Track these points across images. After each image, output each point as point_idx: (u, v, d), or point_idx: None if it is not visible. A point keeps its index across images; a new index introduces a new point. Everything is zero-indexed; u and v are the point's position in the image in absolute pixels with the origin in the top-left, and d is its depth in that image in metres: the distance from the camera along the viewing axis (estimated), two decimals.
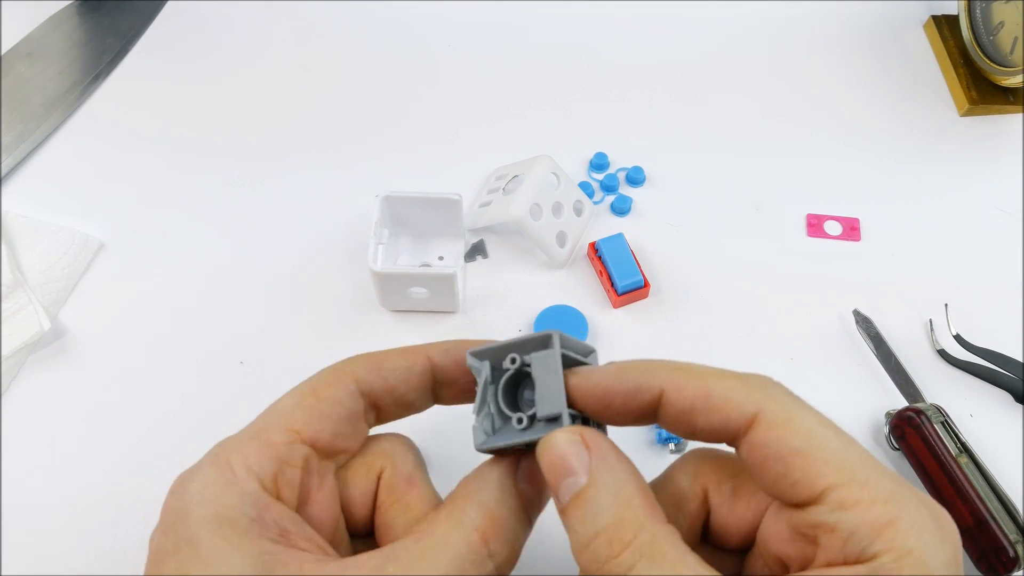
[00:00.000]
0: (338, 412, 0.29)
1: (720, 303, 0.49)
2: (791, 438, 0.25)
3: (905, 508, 0.24)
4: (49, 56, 0.59)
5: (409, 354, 0.30)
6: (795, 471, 0.24)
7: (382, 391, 0.30)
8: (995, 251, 0.52)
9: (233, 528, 0.25)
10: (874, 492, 0.24)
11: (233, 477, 0.26)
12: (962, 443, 0.42)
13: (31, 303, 0.46)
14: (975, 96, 0.58)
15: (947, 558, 0.24)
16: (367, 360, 0.30)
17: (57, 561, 0.40)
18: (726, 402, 0.25)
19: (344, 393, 0.29)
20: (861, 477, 0.24)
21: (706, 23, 0.63)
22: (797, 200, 0.54)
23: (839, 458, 0.24)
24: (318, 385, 0.29)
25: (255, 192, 0.53)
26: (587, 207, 0.52)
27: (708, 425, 0.26)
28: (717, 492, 0.28)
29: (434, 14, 0.62)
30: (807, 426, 0.25)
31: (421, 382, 0.30)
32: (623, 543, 0.24)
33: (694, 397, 0.26)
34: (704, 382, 0.26)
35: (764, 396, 0.25)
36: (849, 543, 0.24)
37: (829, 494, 0.24)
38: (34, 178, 0.53)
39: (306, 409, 0.28)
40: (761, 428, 0.25)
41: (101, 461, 0.43)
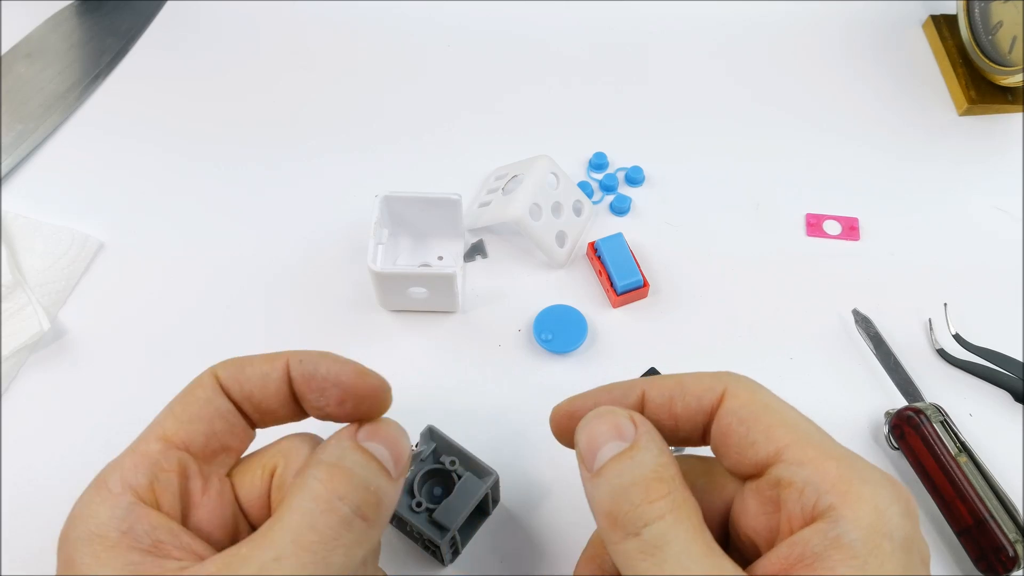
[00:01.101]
0: (206, 412, 0.29)
1: (719, 303, 0.49)
2: (752, 405, 0.28)
3: (854, 464, 0.25)
4: (49, 56, 0.59)
5: (271, 360, 0.30)
6: (755, 432, 0.27)
7: (240, 396, 0.29)
8: (994, 250, 0.52)
9: (102, 543, 0.25)
10: (827, 451, 0.26)
11: (108, 494, 0.26)
12: (961, 442, 0.42)
13: (31, 303, 0.46)
14: (974, 95, 0.58)
15: (902, 508, 0.25)
16: (232, 363, 0.30)
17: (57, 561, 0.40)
18: (697, 387, 0.29)
19: (210, 393, 0.29)
20: (815, 440, 0.26)
21: (706, 23, 0.63)
22: (796, 200, 0.54)
23: (794, 424, 0.27)
24: (185, 391, 0.29)
25: (255, 192, 0.53)
26: (586, 207, 0.52)
27: (685, 408, 0.29)
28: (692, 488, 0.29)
29: (434, 14, 0.62)
30: (767, 399, 0.28)
31: (278, 390, 0.29)
32: (660, 493, 0.25)
33: (671, 388, 0.29)
34: (677, 377, 0.30)
35: (730, 379, 0.29)
36: (805, 495, 0.25)
37: (785, 452, 0.26)
38: (34, 178, 0.53)
39: (175, 415, 0.29)
40: (727, 400, 0.28)
41: (101, 461, 0.42)
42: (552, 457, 0.43)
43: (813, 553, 0.24)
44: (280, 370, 0.29)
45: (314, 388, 0.29)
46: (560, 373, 0.46)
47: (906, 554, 0.24)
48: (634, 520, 0.25)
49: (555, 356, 0.47)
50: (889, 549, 0.24)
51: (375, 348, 0.47)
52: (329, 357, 0.29)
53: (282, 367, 0.29)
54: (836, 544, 0.24)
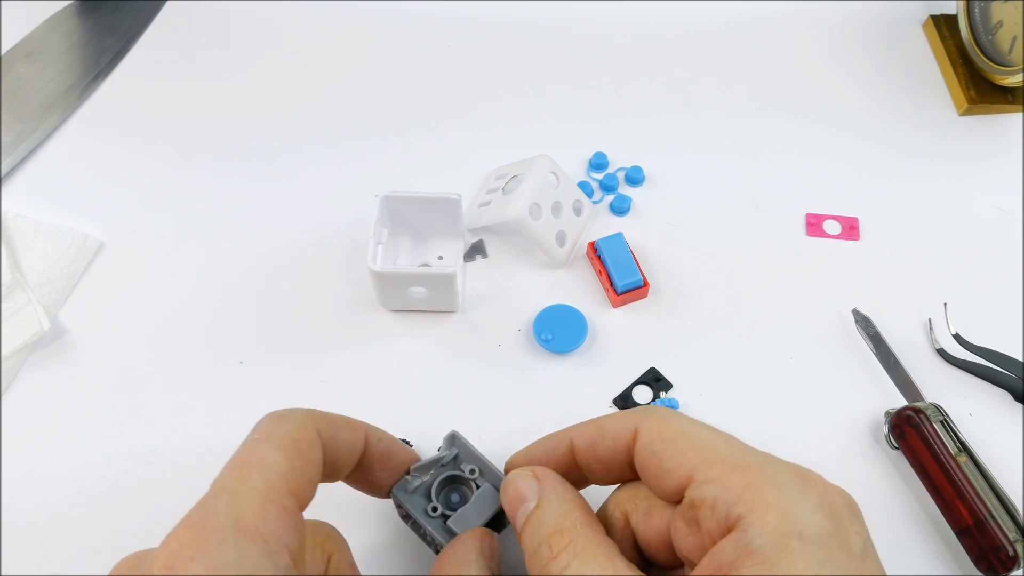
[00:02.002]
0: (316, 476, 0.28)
1: (719, 302, 0.49)
2: (661, 436, 0.29)
3: (762, 471, 0.26)
4: (48, 56, 0.59)
5: (356, 428, 0.32)
6: (666, 460, 0.28)
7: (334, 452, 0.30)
8: (994, 250, 0.52)
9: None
10: (732, 464, 0.27)
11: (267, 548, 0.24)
12: (961, 442, 0.42)
13: (31, 303, 0.46)
14: (974, 95, 0.58)
15: (813, 505, 0.25)
16: (328, 421, 0.30)
17: (57, 561, 0.40)
18: (612, 429, 0.31)
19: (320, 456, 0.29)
20: (722, 455, 0.27)
21: (705, 23, 0.63)
22: (796, 199, 0.54)
23: (702, 444, 0.28)
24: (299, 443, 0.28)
25: (255, 192, 0.53)
26: (586, 207, 0.52)
27: (607, 451, 0.31)
28: (635, 513, 0.31)
29: (434, 13, 0.62)
30: (676, 426, 0.29)
31: (353, 462, 0.32)
32: (561, 546, 0.28)
33: (592, 434, 0.32)
34: (597, 422, 0.32)
35: (642, 415, 0.30)
36: (716, 510, 0.26)
37: (695, 473, 0.27)
38: (34, 178, 0.53)
39: (299, 472, 0.27)
40: (640, 436, 0.30)
41: (101, 461, 0.43)
42: None
43: (728, 563, 0.25)
44: (362, 445, 0.32)
45: (386, 467, 0.33)
46: (560, 373, 0.46)
47: (823, 549, 0.24)
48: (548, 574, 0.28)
49: (555, 356, 0.47)
50: (799, 548, 0.24)
51: (375, 348, 0.47)
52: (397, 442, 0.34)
53: (363, 442, 0.32)
54: (746, 551, 0.25)
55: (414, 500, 0.35)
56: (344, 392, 0.45)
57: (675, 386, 0.46)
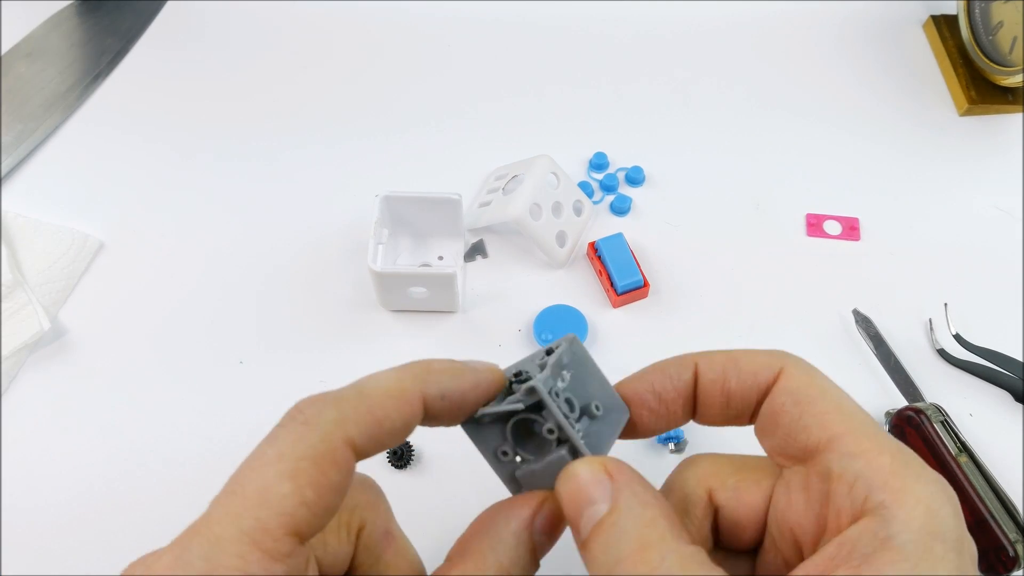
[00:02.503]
0: (338, 501, 0.24)
1: (719, 302, 0.49)
2: (809, 388, 0.27)
3: (910, 462, 0.24)
4: (49, 56, 0.59)
5: (408, 401, 0.26)
6: (808, 415, 0.26)
7: (377, 448, 0.26)
8: (994, 250, 0.52)
9: None
10: (880, 444, 0.25)
11: None
12: (962, 442, 0.42)
13: (31, 303, 0.46)
14: (974, 96, 0.58)
15: (953, 508, 0.24)
16: (365, 419, 0.25)
17: (57, 561, 0.40)
18: (753, 363, 0.28)
19: (346, 475, 0.24)
20: (870, 431, 0.25)
21: (705, 23, 0.63)
22: (796, 200, 0.54)
23: (850, 412, 0.26)
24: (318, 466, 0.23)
25: (255, 192, 0.53)
26: (587, 207, 0.52)
27: (740, 384, 0.28)
28: (722, 488, 0.28)
29: (435, 13, 0.62)
30: (824, 384, 0.27)
31: (412, 429, 0.27)
32: (650, 565, 0.23)
33: (724, 363, 0.28)
34: (730, 353, 0.29)
35: (787, 359, 0.28)
36: (855, 489, 0.24)
37: (837, 441, 0.25)
38: (34, 178, 0.53)
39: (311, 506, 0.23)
40: (783, 380, 0.27)
41: (101, 461, 0.43)
42: None
43: (863, 554, 0.23)
44: (419, 414, 0.26)
45: (455, 411, 0.27)
46: None
47: (958, 555, 0.23)
48: None
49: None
50: (941, 552, 0.23)
51: (375, 348, 0.47)
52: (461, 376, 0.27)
53: (420, 409, 0.26)
54: (887, 545, 0.23)
55: (485, 436, 0.29)
56: None
57: None
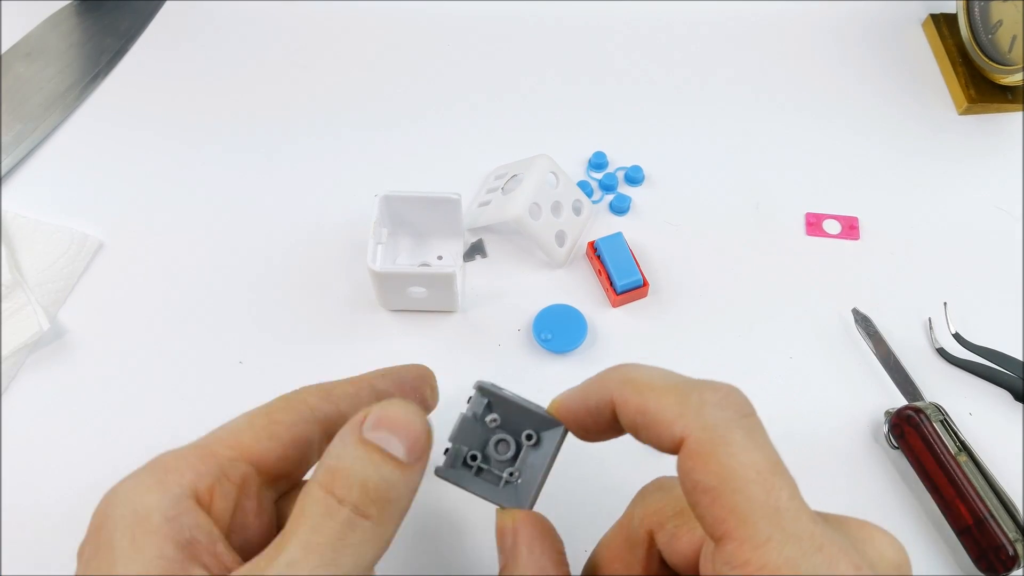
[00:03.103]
0: (289, 436, 0.29)
1: (719, 302, 0.49)
2: (705, 473, 0.23)
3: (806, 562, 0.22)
4: (48, 56, 0.59)
5: (355, 382, 0.31)
6: (703, 508, 0.24)
7: (336, 417, 0.30)
8: (994, 249, 0.52)
9: (143, 526, 0.25)
10: (765, 557, 0.22)
11: (163, 477, 0.26)
12: (961, 442, 0.42)
13: (30, 303, 0.46)
14: (974, 94, 0.58)
15: None
16: (317, 388, 0.30)
17: (57, 561, 0.40)
18: (657, 423, 0.25)
19: (298, 418, 0.29)
20: (761, 536, 0.22)
21: (704, 22, 0.63)
22: (796, 199, 0.54)
23: (747, 508, 0.23)
24: (272, 409, 0.29)
25: (254, 192, 0.53)
26: (586, 206, 0.52)
27: (649, 442, 0.26)
28: (661, 532, 0.28)
29: (434, 12, 0.62)
30: (728, 463, 0.23)
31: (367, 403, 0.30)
32: None
33: (635, 413, 0.26)
34: (643, 397, 0.26)
35: (695, 420, 0.24)
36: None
37: (725, 545, 0.23)
38: (33, 178, 0.53)
39: (258, 429, 0.28)
40: (684, 454, 0.24)
41: (100, 461, 0.43)
42: None
43: None
44: (368, 391, 0.31)
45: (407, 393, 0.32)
46: (560, 373, 0.46)
47: None
48: None
49: (555, 356, 0.47)
50: None
51: (375, 348, 0.47)
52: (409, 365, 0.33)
53: (368, 387, 0.31)
54: None
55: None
56: None
57: None
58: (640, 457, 0.33)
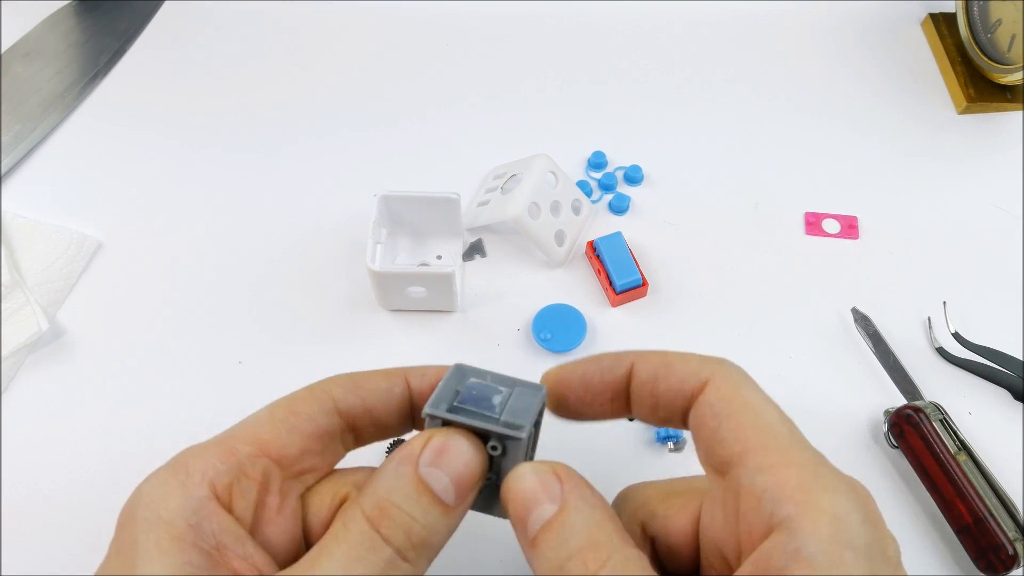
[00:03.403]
0: (310, 428, 0.28)
1: (718, 301, 0.49)
2: (730, 400, 0.27)
3: (819, 472, 0.25)
4: (47, 56, 0.59)
5: (389, 375, 0.30)
6: (724, 428, 0.26)
7: (361, 411, 0.29)
8: (994, 249, 0.52)
9: (168, 531, 0.25)
10: (789, 457, 0.25)
11: (186, 479, 0.26)
12: (961, 441, 0.42)
13: (29, 303, 0.46)
14: (973, 94, 0.58)
15: (862, 515, 0.24)
16: (346, 379, 0.30)
17: (57, 561, 0.40)
18: (683, 369, 0.28)
19: (319, 410, 0.28)
20: (782, 444, 0.26)
21: (703, 22, 0.63)
22: (795, 198, 0.54)
23: (766, 425, 0.26)
24: (293, 400, 0.29)
25: (253, 192, 0.53)
26: (585, 206, 0.52)
27: (668, 390, 0.28)
28: (652, 519, 0.29)
29: (433, 13, 0.62)
30: (748, 396, 0.27)
31: (400, 405, 0.30)
32: (599, 562, 0.24)
33: (656, 366, 0.29)
34: (666, 355, 0.29)
35: (718, 368, 0.28)
36: (763, 503, 0.24)
37: (747, 456, 0.25)
38: (32, 178, 0.53)
39: (277, 422, 0.28)
40: (710, 390, 0.27)
41: (100, 460, 0.43)
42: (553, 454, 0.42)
43: (777, 567, 0.23)
44: (401, 385, 0.30)
45: None
46: None
47: (869, 560, 0.23)
48: None
49: (554, 355, 0.47)
50: (851, 559, 0.23)
51: (374, 347, 0.47)
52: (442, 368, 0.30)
53: (403, 383, 0.30)
54: (796, 558, 0.23)
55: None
56: None
57: None
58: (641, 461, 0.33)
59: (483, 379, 0.30)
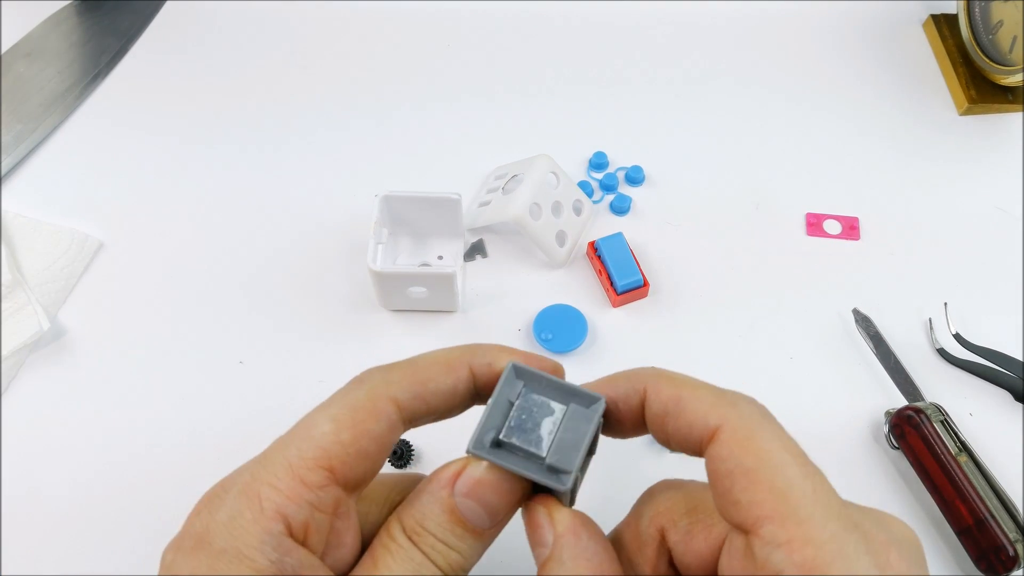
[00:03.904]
0: (376, 449, 0.27)
1: (719, 302, 0.49)
2: (743, 456, 0.24)
3: (843, 553, 0.22)
4: (48, 56, 0.59)
5: (453, 368, 0.28)
6: (739, 491, 0.24)
7: (424, 413, 0.28)
8: (994, 250, 0.52)
9: (250, 566, 0.24)
10: (809, 532, 0.22)
11: (261, 513, 0.25)
12: (962, 442, 0.42)
13: (30, 303, 0.46)
14: (974, 95, 0.58)
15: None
16: (410, 380, 0.27)
17: (57, 561, 0.40)
18: (694, 411, 0.26)
19: (386, 427, 0.27)
20: (803, 512, 0.23)
21: (705, 22, 0.63)
22: (796, 199, 0.54)
23: (785, 487, 0.23)
24: (357, 413, 0.26)
25: (254, 192, 0.53)
26: (586, 206, 0.52)
27: (677, 431, 0.26)
28: (673, 530, 0.27)
29: (434, 13, 0.62)
30: (764, 447, 0.24)
31: (464, 398, 0.29)
32: None
33: (667, 401, 0.26)
34: (678, 388, 0.26)
35: (731, 410, 0.25)
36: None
37: (763, 525, 0.23)
38: (33, 178, 0.53)
39: (345, 446, 0.26)
40: (720, 441, 0.25)
41: (100, 461, 0.43)
42: None
43: None
44: (466, 380, 0.28)
45: None
46: None
47: None
48: None
49: (555, 355, 0.47)
50: None
51: (375, 348, 0.47)
52: (510, 352, 0.28)
53: (467, 376, 0.28)
54: None
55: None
56: None
57: None
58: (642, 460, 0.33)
59: (538, 385, 0.28)
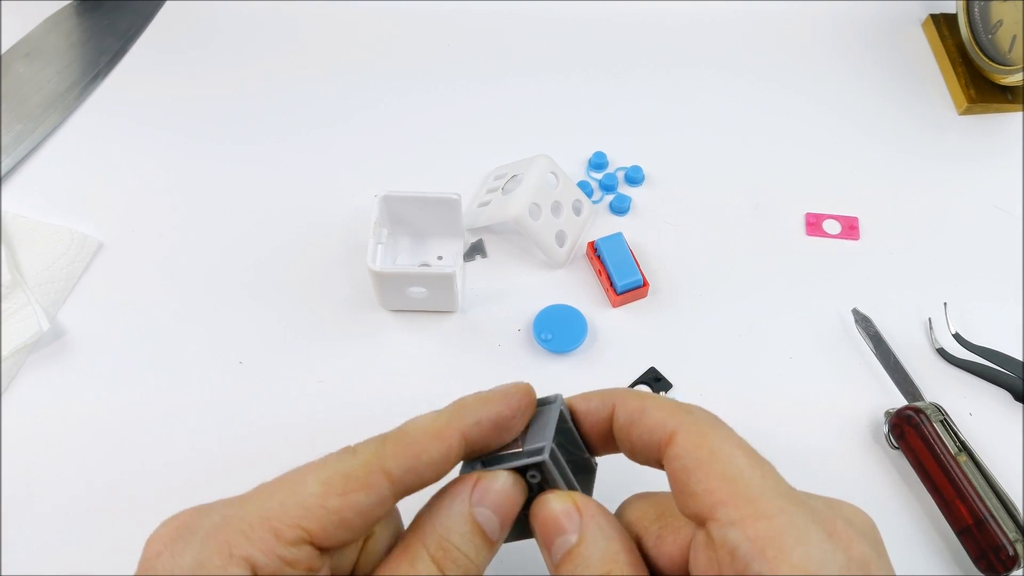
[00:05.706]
0: (361, 523, 0.27)
1: (719, 302, 0.49)
2: (697, 451, 0.26)
3: (791, 522, 0.24)
4: (48, 56, 0.59)
5: (444, 438, 0.28)
6: (694, 483, 0.26)
7: (418, 486, 0.28)
8: (994, 250, 0.52)
9: None
10: (760, 508, 0.24)
11: (229, 560, 0.25)
12: (961, 442, 0.42)
13: (30, 303, 0.46)
14: (974, 94, 0.58)
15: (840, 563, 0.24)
16: (404, 453, 0.28)
17: (57, 561, 0.40)
18: (654, 418, 0.28)
19: (376, 500, 0.27)
20: (752, 493, 0.25)
21: (705, 22, 0.63)
22: (796, 199, 0.54)
23: (736, 474, 0.25)
24: (349, 482, 0.27)
25: (254, 192, 0.53)
26: (586, 206, 0.52)
27: (639, 438, 0.29)
28: (646, 535, 0.29)
29: (433, 13, 0.62)
30: (716, 444, 0.26)
31: (455, 464, 0.29)
32: None
33: (632, 411, 0.29)
34: (642, 401, 0.29)
35: (687, 416, 0.28)
36: (735, 560, 0.24)
37: (718, 510, 0.25)
38: (33, 178, 0.53)
39: (330, 513, 0.26)
40: (676, 442, 0.27)
41: (100, 461, 0.43)
42: None
43: None
44: (457, 448, 0.29)
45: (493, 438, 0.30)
46: (560, 373, 0.46)
47: None
48: None
49: (555, 356, 0.47)
50: None
51: (375, 348, 0.47)
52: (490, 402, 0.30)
53: (459, 443, 0.29)
54: None
55: None
56: (343, 392, 0.45)
57: (675, 386, 0.46)
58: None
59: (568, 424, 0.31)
